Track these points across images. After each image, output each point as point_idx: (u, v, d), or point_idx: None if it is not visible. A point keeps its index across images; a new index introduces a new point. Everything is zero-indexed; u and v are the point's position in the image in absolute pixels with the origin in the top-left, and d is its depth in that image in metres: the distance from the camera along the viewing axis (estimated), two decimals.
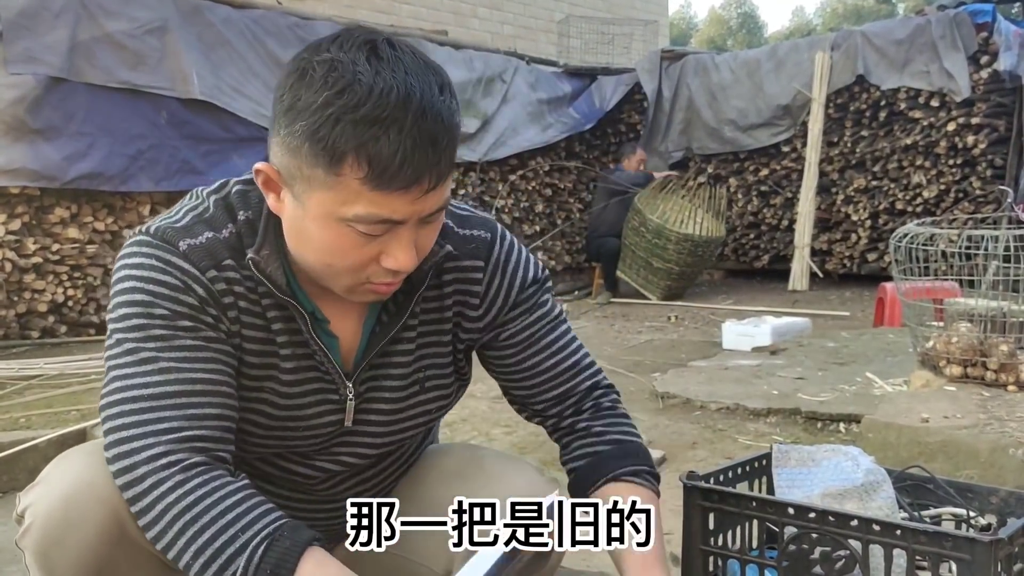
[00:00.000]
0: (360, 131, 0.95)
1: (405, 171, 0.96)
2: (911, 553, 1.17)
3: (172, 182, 5.95)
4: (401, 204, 0.99)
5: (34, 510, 1.05)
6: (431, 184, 0.99)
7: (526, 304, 1.27)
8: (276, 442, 1.19)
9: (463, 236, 1.23)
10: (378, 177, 0.96)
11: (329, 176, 0.98)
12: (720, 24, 41.94)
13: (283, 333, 1.15)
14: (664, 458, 2.82)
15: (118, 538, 1.05)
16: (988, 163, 7.32)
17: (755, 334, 4.97)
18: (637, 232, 7.74)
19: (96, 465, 1.05)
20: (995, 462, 2.29)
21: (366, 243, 1.02)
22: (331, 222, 1.01)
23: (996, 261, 3.03)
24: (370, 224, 1.00)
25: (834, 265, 8.24)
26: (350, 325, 1.19)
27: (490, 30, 11.11)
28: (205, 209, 1.13)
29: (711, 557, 1.38)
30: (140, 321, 1.06)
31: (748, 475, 1.54)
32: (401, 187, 0.97)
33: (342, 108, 0.95)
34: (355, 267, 1.05)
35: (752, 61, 8.65)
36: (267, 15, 6.63)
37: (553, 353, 1.28)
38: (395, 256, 1.03)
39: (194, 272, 1.08)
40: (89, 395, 3.79)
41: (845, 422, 3.16)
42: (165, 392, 1.04)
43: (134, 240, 1.11)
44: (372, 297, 1.11)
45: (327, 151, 0.96)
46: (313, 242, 1.05)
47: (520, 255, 1.28)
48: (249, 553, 0.96)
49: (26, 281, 5.38)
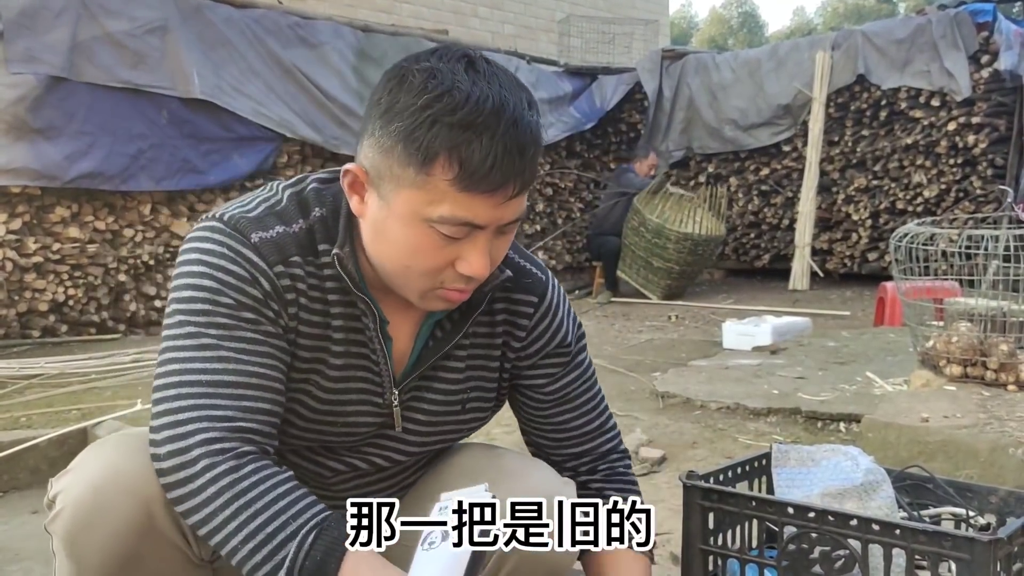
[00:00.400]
0: (455, 134, 0.99)
1: (494, 175, 1.00)
2: (910, 553, 1.17)
3: (173, 181, 5.96)
4: (484, 208, 1.03)
5: (64, 496, 1.07)
6: (515, 191, 1.04)
7: (566, 357, 1.31)
8: (313, 435, 1.21)
9: (520, 267, 1.27)
10: (468, 179, 1.00)
11: (420, 175, 1.02)
12: (721, 23, 41.93)
13: (341, 330, 1.17)
14: (664, 457, 2.82)
15: (146, 529, 1.06)
16: (989, 162, 7.32)
17: (755, 333, 4.97)
18: (637, 232, 7.74)
19: (129, 455, 1.07)
20: (995, 462, 2.29)
21: (445, 246, 1.06)
22: (415, 222, 1.05)
23: (996, 261, 3.03)
24: (453, 226, 1.04)
25: (835, 264, 8.25)
26: (405, 334, 1.22)
27: (491, 29, 11.11)
28: (278, 202, 1.15)
29: (711, 556, 1.39)
30: (206, 307, 1.07)
31: (748, 475, 1.54)
32: (488, 190, 1.01)
33: (440, 111, 0.99)
34: (432, 270, 1.08)
35: (753, 60, 8.66)
36: (268, 14, 6.63)
37: (583, 413, 1.33)
38: (470, 261, 1.07)
39: (262, 266, 1.10)
40: (89, 394, 3.80)
41: (845, 422, 3.16)
42: (223, 381, 1.06)
43: (206, 225, 1.12)
44: (442, 305, 1.14)
45: (421, 151, 1.00)
46: (395, 243, 1.08)
47: (569, 308, 1.34)
48: (300, 540, 0.98)
49: (27, 280, 5.38)
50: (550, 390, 1.31)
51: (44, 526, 1.10)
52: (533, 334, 1.28)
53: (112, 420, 3.10)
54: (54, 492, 1.10)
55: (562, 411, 1.32)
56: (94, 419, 3.14)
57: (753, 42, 34.86)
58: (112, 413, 3.23)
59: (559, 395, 1.31)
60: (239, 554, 0.99)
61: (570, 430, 1.33)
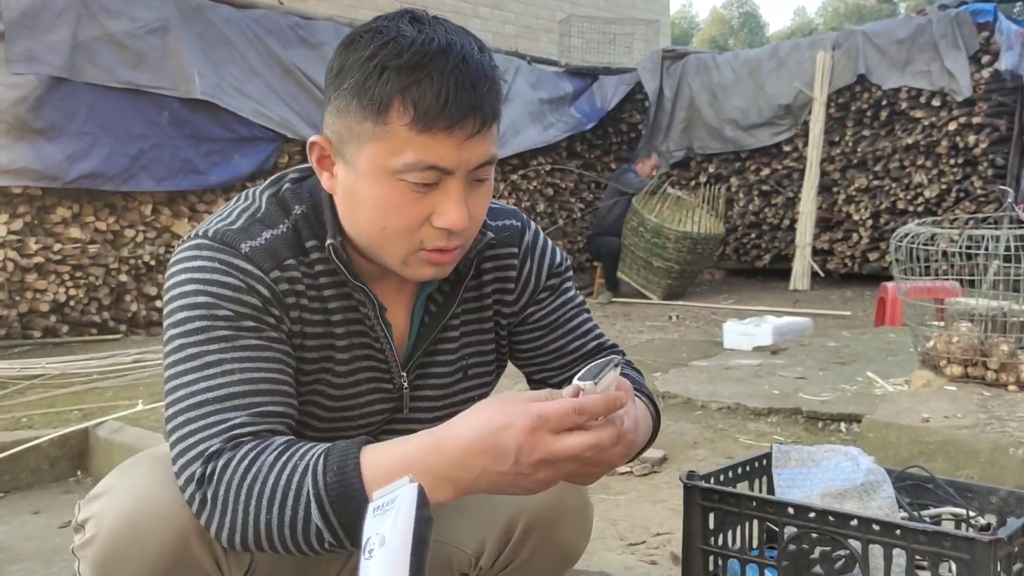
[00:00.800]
0: (404, 76, 1.00)
1: (449, 110, 1.00)
2: (911, 553, 1.17)
3: (174, 182, 5.97)
4: (447, 149, 1.02)
5: (97, 523, 1.04)
6: (475, 127, 1.02)
7: (553, 287, 1.31)
8: (332, 434, 1.20)
9: (497, 227, 1.27)
10: (424, 119, 1.00)
11: (378, 126, 1.02)
12: (721, 24, 41.93)
13: (342, 324, 1.16)
14: (665, 457, 2.82)
15: (180, 557, 1.03)
16: (989, 162, 7.32)
17: (756, 334, 4.97)
18: (636, 232, 7.74)
19: (161, 481, 1.04)
20: (995, 462, 2.29)
21: (417, 199, 1.04)
22: (382, 176, 1.04)
23: (997, 261, 3.03)
24: (419, 172, 1.02)
25: (835, 265, 8.25)
26: (402, 317, 1.21)
27: (491, 30, 11.12)
28: (258, 208, 1.14)
29: (711, 557, 1.39)
30: (202, 324, 1.05)
31: (748, 475, 1.54)
32: (445, 127, 1.00)
33: (386, 57, 1.00)
34: (407, 227, 1.06)
35: (753, 60, 8.66)
36: (268, 15, 6.64)
37: (578, 336, 1.32)
38: (446, 212, 1.05)
39: (257, 273, 1.08)
40: (91, 395, 3.80)
41: (846, 422, 3.16)
42: (231, 393, 1.03)
43: (191, 244, 1.09)
44: (428, 270, 1.11)
45: (375, 101, 1.01)
46: (367, 205, 1.07)
47: (546, 241, 1.33)
48: (312, 470, 0.96)
49: (28, 281, 5.39)
50: (543, 322, 1.30)
51: (72, 549, 1.08)
52: (522, 280, 1.28)
53: (113, 420, 3.11)
54: (84, 516, 1.06)
55: (556, 337, 1.31)
56: (95, 419, 3.14)
57: (754, 42, 34.88)
58: (113, 413, 3.24)
59: (552, 323, 1.30)
60: (272, 527, 0.97)
61: (569, 354, 1.31)
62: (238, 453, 0.99)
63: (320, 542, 0.97)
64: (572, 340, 1.31)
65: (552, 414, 0.91)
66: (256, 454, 0.99)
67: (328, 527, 0.95)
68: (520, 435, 0.91)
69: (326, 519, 0.95)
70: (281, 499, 0.96)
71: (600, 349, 1.33)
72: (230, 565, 1.07)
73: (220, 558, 1.06)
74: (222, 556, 1.06)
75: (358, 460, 0.95)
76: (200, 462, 1.00)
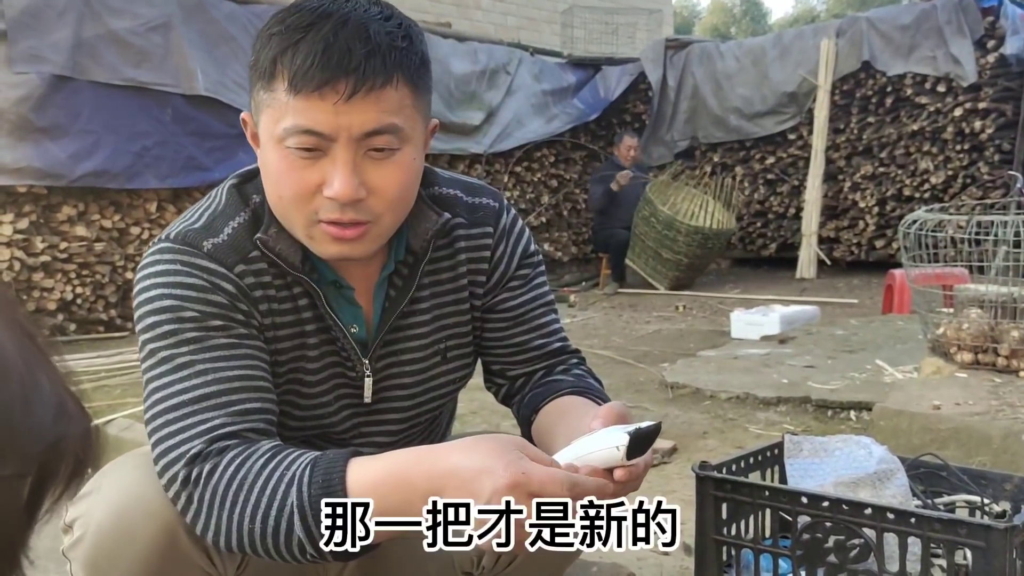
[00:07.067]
0: (283, 40, 1.01)
1: (315, 72, 0.99)
2: (926, 541, 1.17)
3: (178, 179, 5.97)
4: (322, 113, 1.00)
5: (85, 522, 1.04)
6: (347, 90, 0.99)
7: (524, 276, 1.29)
8: (312, 428, 1.20)
9: (471, 204, 1.25)
10: (294, 81, 1.00)
11: (267, 94, 1.03)
12: (724, 12, 41.77)
13: (309, 314, 1.15)
14: (675, 448, 2.82)
15: (170, 552, 1.04)
16: (996, 148, 7.28)
17: (763, 323, 4.96)
18: (647, 222, 7.69)
19: (147, 477, 1.04)
20: (1008, 448, 2.29)
21: (305, 167, 1.03)
22: (273, 145, 1.04)
23: (1005, 247, 3.01)
24: (297, 136, 1.02)
25: (842, 252, 8.22)
26: (366, 299, 1.20)
27: (493, 21, 11.08)
28: (218, 203, 1.14)
29: (724, 547, 1.38)
30: (170, 327, 1.05)
31: (760, 464, 1.54)
32: (314, 89, 0.99)
33: (273, 25, 1.03)
34: (299, 196, 1.05)
35: (757, 49, 8.62)
36: (270, 10, 6.53)
37: (543, 335, 1.30)
38: (330, 181, 1.03)
39: (221, 270, 1.08)
40: (99, 392, 3.81)
41: (856, 410, 3.15)
42: (205, 394, 1.03)
43: (155, 249, 1.10)
44: (332, 246, 1.08)
45: (262, 68, 1.03)
46: (267, 175, 1.08)
47: (524, 228, 1.32)
48: (297, 482, 0.95)
49: (35, 279, 5.40)
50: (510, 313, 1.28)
51: (61, 551, 1.07)
52: (494, 260, 1.26)
53: (123, 418, 3.11)
54: (71, 517, 1.06)
55: (520, 332, 1.29)
56: (104, 417, 3.14)
57: (756, 30, 34.74)
58: (123, 411, 3.24)
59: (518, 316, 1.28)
60: (255, 536, 0.97)
61: (530, 351, 1.29)
62: (224, 458, 0.99)
63: (303, 554, 0.97)
64: (537, 338, 1.30)
65: (536, 480, 0.88)
66: (243, 460, 0.99)
67: (310, 540, 0.95)
68: (498, 482, 0.88)
69: (308, 533, 0.95)
70: (265, 509, 0.96)
71: (563, 352, 1.32)
72: (222, 558, 1.07)
73: (211, 551, 1.06)
74: (213, 549, 1.05)
75: (344, 473, 0.95)
76: (183, 463, 1.00)
